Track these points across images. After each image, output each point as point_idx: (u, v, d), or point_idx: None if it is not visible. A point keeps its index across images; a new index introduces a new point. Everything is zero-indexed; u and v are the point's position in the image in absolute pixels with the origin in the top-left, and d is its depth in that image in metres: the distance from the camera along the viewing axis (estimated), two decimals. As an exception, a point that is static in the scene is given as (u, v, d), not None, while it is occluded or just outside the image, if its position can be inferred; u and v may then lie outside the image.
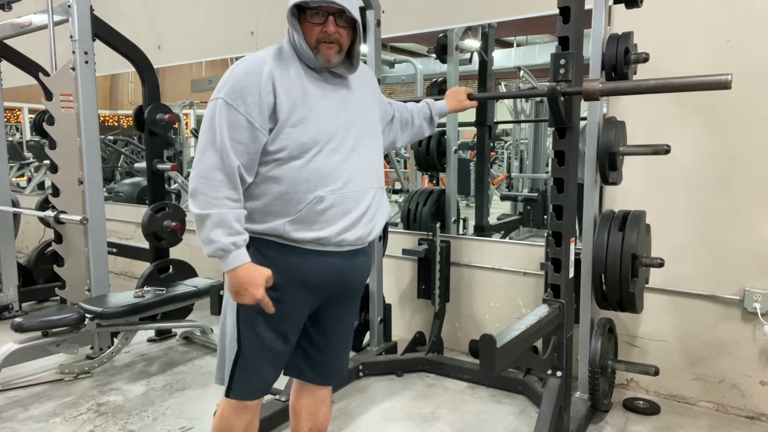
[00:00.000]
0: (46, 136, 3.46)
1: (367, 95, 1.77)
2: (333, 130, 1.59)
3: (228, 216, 1.50)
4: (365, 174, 1.65)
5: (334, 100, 1.62)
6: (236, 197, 1.52)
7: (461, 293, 3.52)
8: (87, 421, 2.67)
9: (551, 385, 2.18)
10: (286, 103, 1.53)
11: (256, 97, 1.50)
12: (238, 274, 1.52)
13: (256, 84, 1.50)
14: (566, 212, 2.14)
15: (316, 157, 1.55)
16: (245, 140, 1.51)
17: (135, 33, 3.79)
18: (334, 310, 1.75)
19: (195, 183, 1.51)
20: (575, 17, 2.05)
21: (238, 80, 1.52)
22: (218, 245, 1.49)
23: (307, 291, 1.64)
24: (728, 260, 2.69)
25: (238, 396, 1.67)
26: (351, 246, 1.66)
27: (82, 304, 3.07)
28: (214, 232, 1.49)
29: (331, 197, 1.57)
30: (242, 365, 1.64)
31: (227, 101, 1.50)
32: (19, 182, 8.17)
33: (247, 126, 1.50)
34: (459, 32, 3.87)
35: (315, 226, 1.57)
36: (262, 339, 1.62)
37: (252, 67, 1.53)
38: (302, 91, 1.56)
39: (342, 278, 1.70)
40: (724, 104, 2.63)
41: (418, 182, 6.77)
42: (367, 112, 1.73)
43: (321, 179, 1.56)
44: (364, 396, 2.93)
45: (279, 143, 1.54)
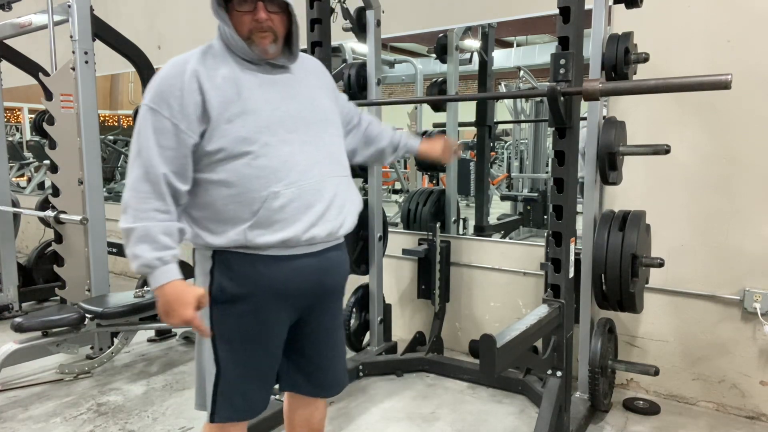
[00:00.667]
0: (46, 136, 3.46)
1: (317, 85, 1.65)
2: (277, 121, 1.48)
3: (153, 229, 1.39)
4: (323, 163, 1.54)
5: (276, 91, 1.52)
6: (164, 209, 1.42)
7: (461, 293, 3.52)
8: (87, 421, 2.67)
9: (551, 385, 2.18)
10: (217, 100, 1.43)
11: (180, 98, 1.41)
12: (165, 292, 1.41)
13: (179, 85, 1.42)
14: (566, 212, 2.14)
15: (263, 151, 1.45)
16: (173, 145, 1.42)
17: (135, 33, 3.79)
18: (318, 317, 1.65)
19: (125, 196, 1.43)
20: (575, 17, 2.04)
21: (161, 84, 1.44)
22: (142, 261, 1.39)
23: (283, 300, 1.54)
24: (728, 260, 2.69)
25: (223, 419, 1.56)
26: (323, 243, 1.56)
27: (82, 304, 3.07)
28: (139, 247, 1.39)
29: (287, 192, 1.46)
30: (224, 387, 1.53)
31: (151, 106, 1.43)
32: (19, 182, 8.17)
33: (173, 129, 1.41)
34: (459, 32, 3.87)
35: (276, 227, 1.46)
36: (242, 356, 1.53)
37: (173, 69, 1.45)
38: (236, 85, 1.46)
39: (318, 281, 1.59)
40: (724, 104, 2.63)
41: (418, 182, 6.77)
42: (318, 100, 1.61)
43: (272, 174, 1.45)
44: (364, 396, 2.93)
45: (217, 142, 1.44)
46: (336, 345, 1.74)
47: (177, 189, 1.45)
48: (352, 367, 3.08)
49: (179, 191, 1.45)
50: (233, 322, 1.51)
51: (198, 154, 1.46)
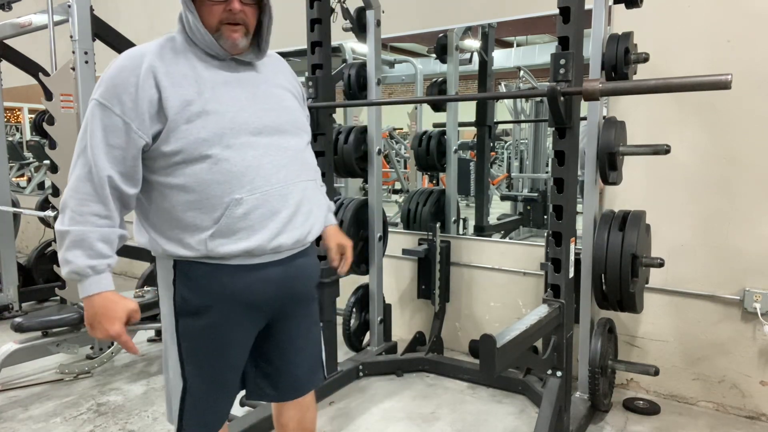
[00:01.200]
0: (46, 136, 3.46)
1: (285, 86, 1.56)
2: (242, 123, 1.38)
3: (90, 235, 1.30)
4: (289, 167, 1.45)
5: (241, 90, 1.42)
6: (105, 213, 1.33)
7: (461, 293, 3.52)
8: (87, 421, 2.67)
9: (551, 385, 2.18)
10: (175, 97, 1.32)
11: (134, 94, 1.30)
12: (94, 303, 1.32)
13: (133, 80, 1.31)
14: (566, 212, 2.14)
15: (225, 155, 1.35)
16: (122, 144, 1.32)
17: (135, 33, 3.79)
18: (287, 324, 1.56)
19: (64, 196, 1.34)
20: (575, 17, 2.04)
21: (113, 78, 1.33)
22: (73, 267, 1.30)
23: (249, 311, 1.46)
24: (728, 260, 2.69)
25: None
26: (290, 250, 1.48)
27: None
28: (72, 252, 1.30)
29: (250, 198, 1.37)
30: (191, 401, 1.46)
31: (101, 102, 1.32)
32: (19, 182, 8.17)
33: (123, 127, 1.31)
34: (459, 32, 3.87)
35: (240, 235, 1.37)
36: (208, 370, 1.45)
37: (128, 62, 1.34)
38: (197, 82, 1.36)
39: (286, 290, 1.51)
40: (724, 104, 2.63)
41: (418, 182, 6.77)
42: (286, 101, 1.52)
43: (235, 179, 1.36)
44: (364, 396, 2.93)
45: (175, 143, 1.33)
46: (307, 349, 1.64)
47: (123, 192, 1.36)
48: (352, 367, 3.08)
49: (126, 194, 1.37)
50: (199, 334, 1.43)
51: (153, 155, 1.36)
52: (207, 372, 1.46)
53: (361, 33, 3.14)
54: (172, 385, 1.50)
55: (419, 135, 4.06)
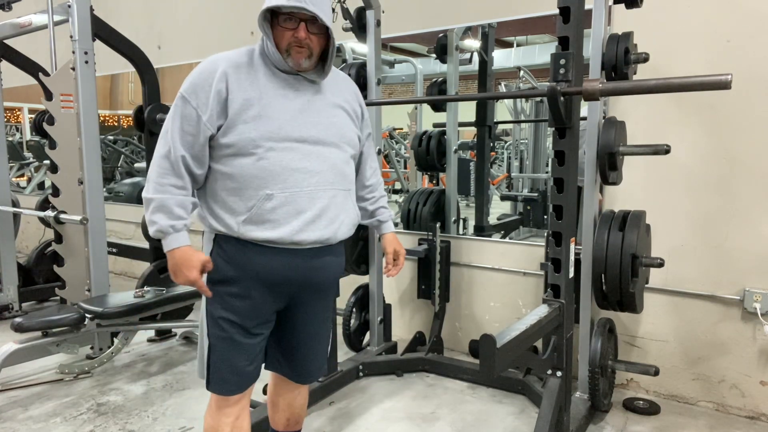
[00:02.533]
0: (46, 136, 3.46)
1: (341, 104, 1.75)
2: (288, 130, 1.60)
3: (169, 201, 1.57)
4: (323, 174, 1.65)
5: (298, 103, 1.64)
6: (180, 184, 1.59)
7: (461, 293, 3.52)
8: (87, 421, 2.67)
9: (551, 385, 2.18)
10: (239, 99, 1.57)
11: (208, 91, 1.56)
12: (175, 255, 1.58)
13: (210, 80, 1.57)
14: (566, 212, 2.14)
15: (268, 154, 1.58)
16: (193, 132, 1.57)
17: (135, 33, 3.79)
18: (303, 309, 1.77)
19: (150, 170, 1.61)
20: (575, 17, 2.05)
21: (195, 76, 1.60)
22: (157, 227, 1.57)
23: (269, 288, 1.66)
24: (728, 260, 2.69)
25: (216, 390, 1.70)
26: (312, 245, 1.66)
27: (82, 304, 3.06)
28: (156, 215, 1.57)
29: (280, 195, 1.59)
30: (214, 359, 1.68)
31: (184, 95, 1.59)
32: (19, 182, 8.17)
33: (197, 118, 1.57)
34: (459, 32, 3.87)
35: (266, 225, 1.59)
36: (225, 332, 1.66)
37: (209, 65, 1.60)
38: (260, 90, 1.60)
39: (304, 277, 1.70)
40: (724, 104, 2.63)
41: (418, 182, 6.77)
42: (337, 117, 1.72)
43: (271, 177, 1.58)
44: (364, 396, 2.93)
45: (230, 137, 1.58)
46: (317, 337, 1.85)
47: (193, 170, 1.61)
48: (352, 367, 3.08)
49: (195, 174, 1.62)
50: (223, 301, 1.65)
51: (214, 145, 1.60)
52: (223, 333, 1.66)
53: (361, 33, 3.14)
54: (204, 343, 1.71)
55: (419, 135, 4.06)
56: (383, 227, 2.00)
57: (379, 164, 3.15)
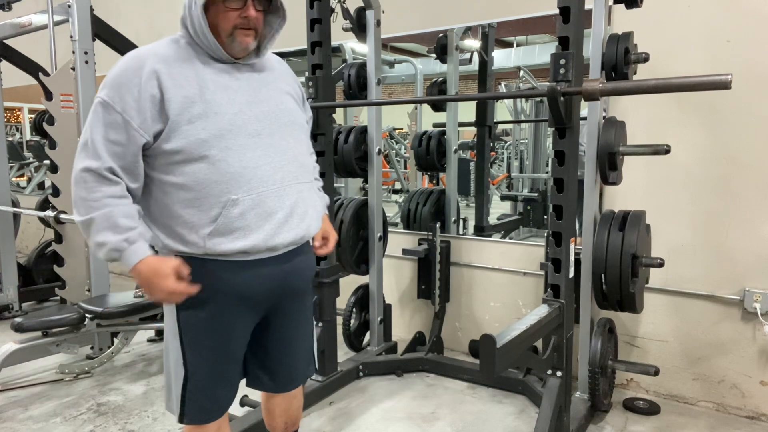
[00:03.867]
0: (46, 136, 3.46)
1: (285, 89, 1.61)
2: (241, 124, 1.44)
3: (111, 214, 1.36)
4: (286, 169, 1.50)
5: (241, 93, 1.48)
6: (119, 193, 1.38)
7: (461, 293, 3.52)
8: (87, 421, 2.67)
9: (551, 385, 2.18)
10: (177, 98, 1.38)
11: (136, 94, 1.36)
12: (141, 270, 1.38)
13: (136, 80, 1.37)
14: (566, 212, 2.14)
15: (223, 155, 1.41)
16: (122, 141, 1.37)
17: (135, 33, 3.79)
18: (283, 318, 1.63)
19: (73, 190, 1.39)
20: (575, 17, 2.04)
21: (117, 78, 1.39)
22: (108, 247, 1.36)
23: (246, 303, 1.52)
24: (728, 260, 2.69)
25: (194, 421, 1.55)
26: (286, 248, 1.54)
27: (82, 304, 3.07)
28: (100, 235, 1.36)
29: (246, 199, 1.42)
30: (192, 389, 1.51)
31: (104, 100, 1.38)
32: (19, 182, 8.17)
33: (124, 125, 1.36)
34: (459, 32, 3.87)
35: (236, 234, 1.43)
36: (209, 359, 1.51)
37: (132, 62, 1.40)
38: (199, 84, 1.42)
39: (282, 285, 1.57)
40: (724, 104, 2.63)
41: (418, 182, 6.76)
42: (285, 104, 1.57)
43: (233, 179, 1.41)
44: (364, 396, 2.93)
45: (175, 142, 1.38)
46: (300, 341, 1.71)
47: (128, 185, 1.42)
48: (352, 367, 3.08)
49: (129, 187, 1.42)
50: (199, 325, 1.49)
51: (154, 153, 1.42)
52: (207, 361, 1.52)
53: (361, 33, 3.14)
54: (173, 374, 1.54)
55: (419, 135, 4.06)
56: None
57: (378, 164, 3.16)
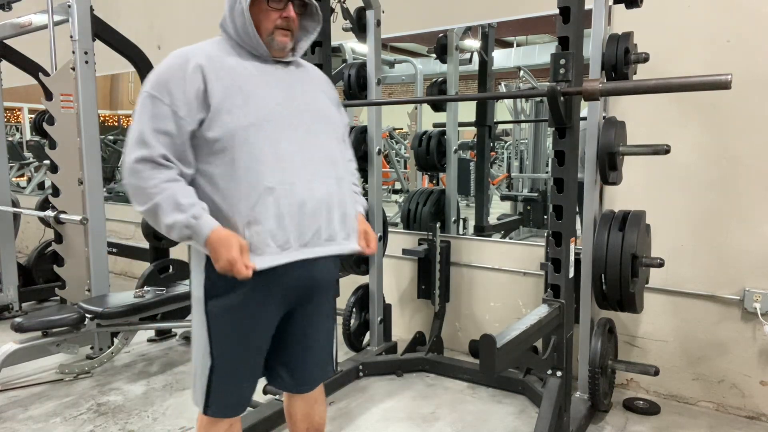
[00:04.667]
0: (46, 136, 3.46)
1: (321, 91, 1.69)
2: (278, 117, 1.51)
3: (174, 195, 1.41)
4: (318, 163, 1.56)
5: (280, 87, 1.56)
6: (173, 177, 1.44)
7: (461, 293, 3.52)
8: (87, 421, 2.67)
9: (551, 385, 2.18)
10: (219, 89, 1.46)
11: (182, 86, 1.44)
12: (211, 240, 1.42)
13: (181, 74, 1.45)
14: (566, 212, 2.14)
15: (261, 144, 1.47)
16: (171, 130, 1.44)
17: (135, 33, 3.79)
18: (306, 311, 1.66)
19: (128, 182, 1.45)
20: (575, 17, 2.04)
21: (164, 73, 1.47)
22: (180, 224, 1.41)
23: (273, 294, 1.55)
24: (728, 260, 2.69)
25: (217, 414, 1.59)
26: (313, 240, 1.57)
27: (82, 304, 3.06)
28: (169, 217, 1.41)
29: (280, 188, 1.48)
30: (217, 381, 1.55)
31: (151, 93, 1.45)
32: (19, 182, 8.17)
33: (172, 116, 1.44)
34: (459, 32, 3.87)
35: (271, 222, 1.47)
36: (235, 350, 1.55)
37: (177, 59, 1.49)
38: (240, 77, 1.50)
39: (309, 275, 1.60)
40: (724, 104, 2.63)
41: (418, 182, 6.77)
42: (321, 103, 1.65)
43: (267, 168, 1.47)
44: (364, 396, 2.93)
45: (215, 131, 1.45)
46: (321, 339, 1.73)
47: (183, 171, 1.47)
48: (352, 367, 3.08)
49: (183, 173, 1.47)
50: (226, 315, 1.53)
51: (198, 143, 1.48)
52: (232, 351, 1.55)
53: (361, 33, 3.14)
54: (200, 365, 1.57)
55: (419, 135, 4.06)
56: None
57: (378, 164, 3.16)
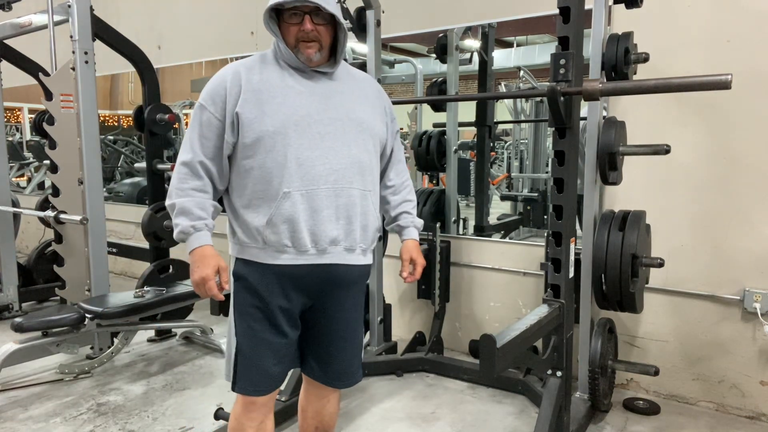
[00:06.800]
0: (46, 136, 3.46)
1: (364, 101, 1.73)
2: (306, 125, 1.59)
3: (189, 203, 1.60)
4: (341, 172, 1.61)
5: (314, 98, 1.62)
6: (200, 187, 1.62)
7: (461, 293, 3.52)
8: (87, 421, 2.67)
9: (551, 385, 2.18)
10: (252, 98, 1.58)
11: (224, 95, 1.59)
12: (195, 254, 1.60)
13: (224, 84, 1.60)
14: (566, 212, 2.14)
15: (284, 151, 1.57)
16: (212, 136, 1.61)
17: (135, 33, 3.79)
18: (329, 306, 1.72)
19: (171, 180, 1.65)
20: (575, 17, 2.05)
21: (212, 83, 1.63)
22: (179, 228, 1.60)
23: (293, 284, 1.64)
24: (728, 260, 2.69)
25: (242, 390, 1.68)
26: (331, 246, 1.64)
27: (82, 304, 3.06)
28: (178, 218, 1.61)
29: (296, 194, 1.57)
30: (242, 359, 1.67)
31: (201, 103, 1.63)
32: (19, 182, 8.17)
33: (215, 123, 1.60)
34: (459, 32, 3.87)
35: (284, 226, 1.58)
36: (255, 331, 1.65)
37: (224, 71, 1.64)
38: (274, 87, 1.60)
39: (327, 272, 1.65)
40: (724, 104, 2.63)
41: (418, 182, 6.77)
42: (357, 112, 1.68)
43: (288, 174, 1.57)
44: (364, 396, 2.93)
45: (248, 136, 1.58)
46: (346, 336, 1.77)
47: (213, 176, 1.64)
48: (352, 367, 3.08)
49: (215, 180, 1.64)
50: (248, 299, 1.65)
51: (234, 148, 1.63)
52: (253, 331, 1.65)
53: (361, 33, 3.14)
54: (231, 344, 1.71)
55: (419, 135, 4.06)
56: (404, 233, 1.96)
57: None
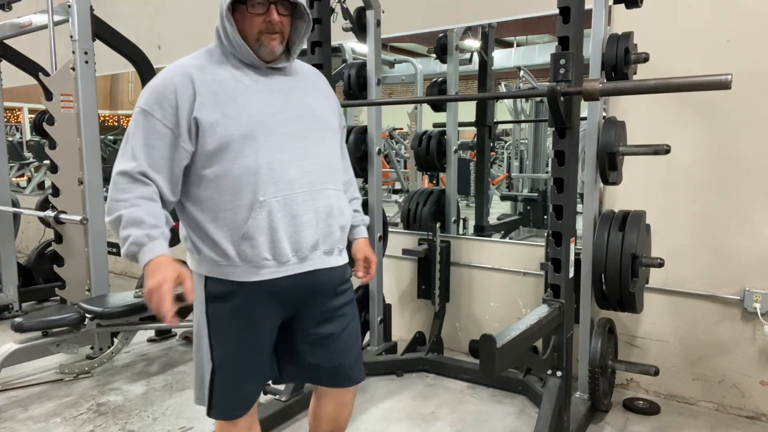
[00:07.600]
0: (46, 136, 3.46)
1: (319, 96, 1.64)
2: (272, 126, 1.48)
3: (138, 212, 1.39)
4: (315, 173, 1.53)
5: (274, 96, 1.52)
6: (148, 195, 1.42)
7: (461, 293, 3.52)
8: (87, 421, 2.67)
9: (551, 385, 2.18)
10: (210, 100, 1.43)
11: (173, 100, 1.42)
12: (150, 266, 1.38)
13: (172, 87, 1.43)
14: (566, 212, 2.14)
15: (254, 156, 1.44)
16: (160, 146, 1.43)
17: (135, 33, 3.79)
18: (311, 314, 1.61)
19: (109, 193, 1.44)
20: (575, 17, 2.04)
21: (156, 87, 1.46)
22: (131, 240, 1.38)
23: (272, 299, 1.53)
24: (728, 260, 2.69)
25: (220, 416, 1.57)
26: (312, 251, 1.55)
27: (82, 304, 3.07)
28: (126, 230, 1.39)
29: (273, 201, 1.45)
30: (219, 383, 1.53)
31: (144, 108, 1.44)
32: (19, 182, 8.17)
33: (164, 131, 1.42)
34: (459, 32, 3.87)
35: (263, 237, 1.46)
36: (235, 355, 1.53)
37: (169, 73, 1.47)
38: (231, 87, 1.47)
39: (307, 284, 1.56)
40: (724, 104, 2.63)
41: (418, 182, 6.77)
42: (318, 109, 1.59)
43: (260, 181, 1.45)
44: (364, 396, 2.93)
45: (209, 143, 1.43)
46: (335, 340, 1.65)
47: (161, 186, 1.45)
48: (352, 367, 3.08)
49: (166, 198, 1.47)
50: (226, 319, 1.53)
51: (192, 163, 1.47)
52: (233, 354, 1.53)
53: (361, 33, 3.14)
54: (202, 367, 1.57)
55: (419, 135, 4.06)
56: (355, 232, 1.79)
57: (378, 164, 3.16)
